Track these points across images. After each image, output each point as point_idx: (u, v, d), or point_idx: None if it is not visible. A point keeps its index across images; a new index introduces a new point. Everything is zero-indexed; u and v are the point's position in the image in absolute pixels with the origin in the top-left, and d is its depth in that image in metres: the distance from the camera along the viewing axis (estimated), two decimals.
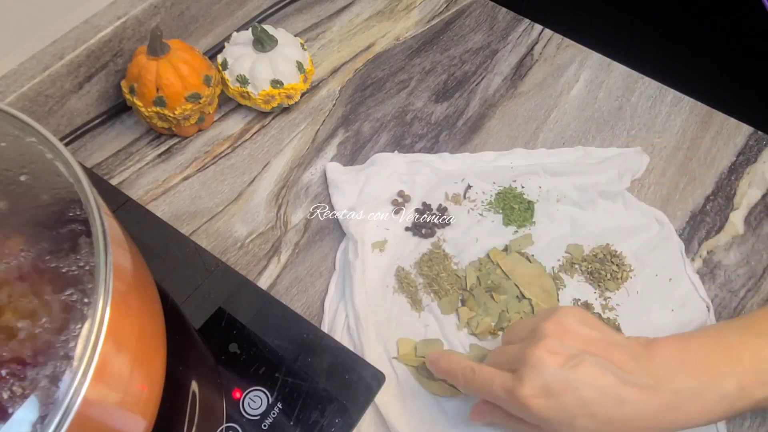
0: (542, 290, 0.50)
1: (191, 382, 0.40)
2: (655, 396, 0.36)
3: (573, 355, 0.37)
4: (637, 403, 0.36)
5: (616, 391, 0.36)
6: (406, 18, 0.71)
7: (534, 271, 0.51)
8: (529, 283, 0.50)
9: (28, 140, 0.32)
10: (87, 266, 0.29)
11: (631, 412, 0.36)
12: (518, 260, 0.51)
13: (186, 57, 0.55)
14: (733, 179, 0.58)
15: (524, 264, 0.51)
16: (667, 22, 0.76)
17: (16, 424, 0.25)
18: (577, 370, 0.36)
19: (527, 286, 0.50)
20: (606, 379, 0.36)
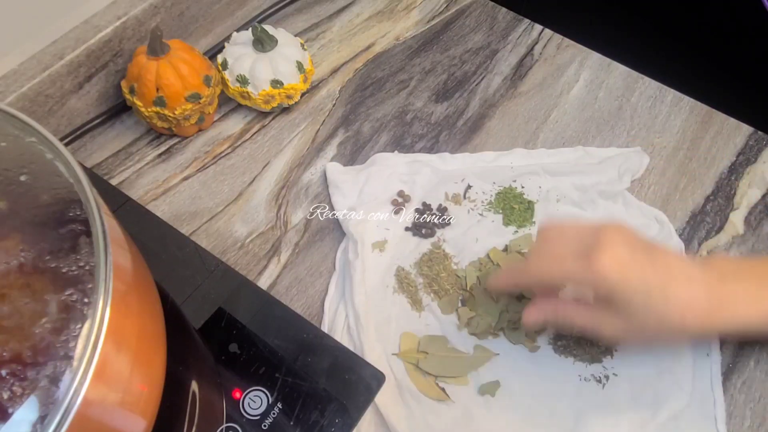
0: None
1: (191, 382, 0.40)
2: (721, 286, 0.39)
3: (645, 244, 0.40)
4: (704, 288, 0.39)
5: (686, 271, 0.39)
6: (406, 18, 0.71)
7: None
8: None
9: (28, 140, 0.32)
10: (87, 266, 0.29)
11: (696, 295, 0.39)
12: (518, 261, 0.52)
13: (186, 57, 0.55)
14: (733, 179, 0.58)
15: None
16: (667, 22, 0.76)
17: (16, 424, 0.25)
18: (651, 250, 0.40)
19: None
20: (678, 262, 0.40)
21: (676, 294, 0.39)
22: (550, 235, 0.43)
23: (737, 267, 0.42)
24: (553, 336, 0.48)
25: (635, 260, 0.39)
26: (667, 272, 0.39)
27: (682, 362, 0.47)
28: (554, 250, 0.42)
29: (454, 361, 0.47)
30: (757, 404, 0.46)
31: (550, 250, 0.42)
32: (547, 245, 0.43)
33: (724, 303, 0.39)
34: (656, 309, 0.39)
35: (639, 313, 0.39)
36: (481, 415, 0.45)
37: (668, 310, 0.39)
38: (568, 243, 0.41)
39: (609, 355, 0.48)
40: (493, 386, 0.46)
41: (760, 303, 0.40)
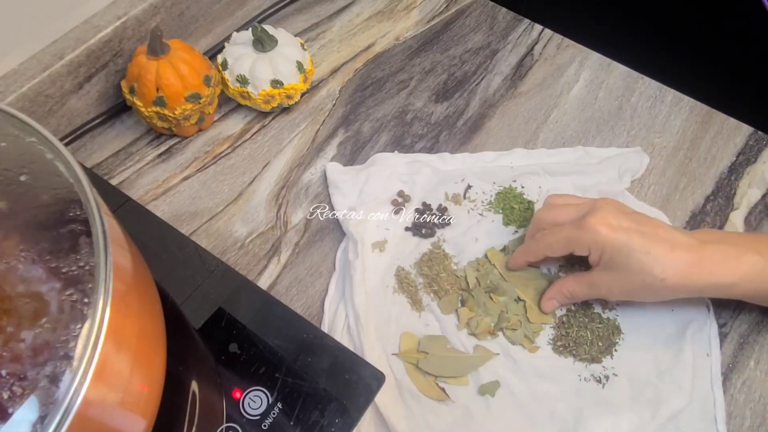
0: (537, 293, 0.50)
1: (191, 382, 0.40)
2: (701, 249, 0.43)
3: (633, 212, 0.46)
4: (686, 251, 0.43)
5: (670, 235, 0.44)
6: (406, 18, 0.71)
7: (530, 274, 0.51)
8: (524, 285, 0.50)
9: (28, 140, 0.32)
10: (87, 266, 0.29)
11: (678, 257, 0.43)
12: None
13: (186, 57, 0.55)
14: (733, 179, 0.58)
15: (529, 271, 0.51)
16: (667, 22, 0.76)
17: (16, 424, 0.25)
18: (639, 217, 0.45)
19: (523, 288, 0.50)
20: (663, 228, 0.44)
21: (659, 255, 0.43)
22: (554, 204, 0.49)
23: (719, 235, 0.46)
24: (553, 336, 0.49)
25: (623, 223, 0.44)
26: (653, 235, 0.44)
27: (682, 362, 0.47)
28: (556, 219, 0.47)
29: (454, 361, 0.47)
30: (757, 404, 0.46)
31: (552, 220, 0.47)
32: (550, 214, 0.48)
33: (703, 263, 0.43)
34: (640, 267, 0.43)
35: (626, 268, 0.44)
36: (481, 415, 0.45)
37: (652, 269, 0.43)
38: (568, 213, 0.47)
39: (609, 355, 0.48)
40: (493, 386, 0.46)
41: (736, 265, 0.43)
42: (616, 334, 0.48)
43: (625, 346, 0.48)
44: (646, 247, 0.43)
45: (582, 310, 0.49)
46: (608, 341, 0.48)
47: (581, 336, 0.48)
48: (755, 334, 0.49)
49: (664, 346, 0.48)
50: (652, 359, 0.47)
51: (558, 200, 0.49)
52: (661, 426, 0.44)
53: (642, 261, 0.43)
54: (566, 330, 0.48)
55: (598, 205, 0.45)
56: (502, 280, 0.50)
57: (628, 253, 0.43)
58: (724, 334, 0.49)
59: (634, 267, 0.43)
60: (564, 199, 0.49)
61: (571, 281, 0.48)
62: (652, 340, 0.48)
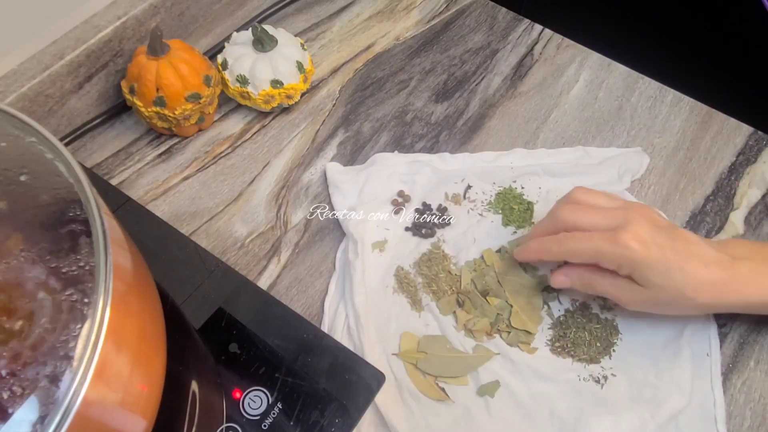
0: (527, 302, 0.49)
1: (191, 382, 0.40)
2: (733, 267, 0.43)
3: (668, 224, 0.45)
4: (718, 268, 0.42)
5: (703, 252, 0.43)
6: (406, 18, 0.71)
7: (526, 283, 0.50)
8: (517, 291, 0.50)
9: (28, 140, 0.32)
10: (87, 266, 0.29)
11: (711, 276, 0.42)
12: (513, 267, 0.51)
13: (186, 57, 0.55)
14: (733, 179, 0.58)
15: (518, 272, 0.51)
16: (667, 22, 0.76)
17: (16, 424, 0.25)
18: (672, 231, 0.44)
19: (515, 294, 0.50)
20: (697, 244, 0.43)
21: (693, 272, 0.42)
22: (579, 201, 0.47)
23: (749, 249, 0.45)
24: (551, 337, 0.49)
25: (657, 239, 0.42)
26: (686, 252, 0.43)
27: (681, 362, 0.47)
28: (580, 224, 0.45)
29: (454, 361, 0.47)
30: (757, 404, 0.46)
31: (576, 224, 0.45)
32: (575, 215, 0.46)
33: (734, 281, 0.43)
34: (673, 284, 0.42)
35: (657, 286, 0.43)
36: (480, 415, 0.45)
37: (684, 286, 0.42)
38: (596, 219, 0.45)
39: (607, 356, 0.48)
40: (493, 386, 0.46)
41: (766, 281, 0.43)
42: (614, 334, 0.48)
43: (623, 346, 0.48)
44: (680, 264, 0.42)
45: (580, 311, 0.49)
46: (606, 342, 0.48)
47: (579, 337, 0.48)
48: (755, 334, 0.49)
49: (662, 346, 0.48)
50: (650, 359, 0.47)
51: (583, 196, 0.47)
52: (661, 426, 0.44)
53: (675, 279, 0.42)
54: (564, 331, 0.48)
55: (631, 217, 0.43)
56: (497, 282, 0.50)
57: (663, 272, 0.42)
58: (724, 334, 0.49)
59: (666, 284, 0.42)
60: (590, 196, 0.47)
61: (596, 276, 0.45)
62: (650, 340, 0.48)
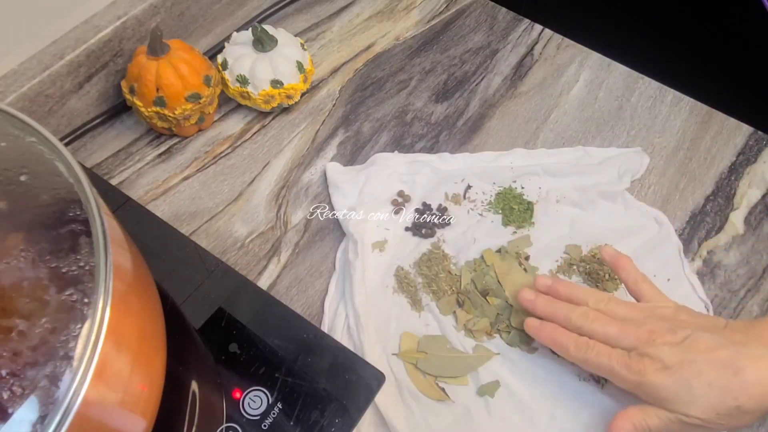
0: None
1: (191, 382, 0.40)
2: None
3: (687, 335, 0.40)
4: (753, 370, 0.38)
5: (730, 360, 0.38)
6: (406, 18, 0.71)
7: (526, 282, 0.50)
8: (517, 292, 0.50)
9: (28, 140, 0.32)
10: (87, 266, 0.29)
11: (748, 380, 0.38)
12: (513, 266, 0.51)
13: (186, 57, 0.55)
14: (733, 179, 0.58)
15: (518, 271, 0.51)
16: (667, 22, 0.76)
17: (16, 424, 0.25)
18: (692, 345, 0.39)
19: (514, 294, 0.49)
20: (720, 352, 0.39)
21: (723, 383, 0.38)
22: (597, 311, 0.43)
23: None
24: None
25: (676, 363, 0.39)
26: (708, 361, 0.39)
27: None
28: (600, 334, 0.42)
29: (454, 361, 0.47)
30: None
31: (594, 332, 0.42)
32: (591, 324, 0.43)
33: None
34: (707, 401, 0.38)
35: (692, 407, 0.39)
36: (480, 416, 0.45)
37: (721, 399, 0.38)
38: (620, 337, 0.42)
39: None
40: (493, 386, 0.46)
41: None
42: None
43: None
44: (706, 380, 0.38)
45: None
46: None
47: None
48: None
49: None
50: None
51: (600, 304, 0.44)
52: None
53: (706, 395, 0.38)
54: None
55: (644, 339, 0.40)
56: (497, 282, 0.50)
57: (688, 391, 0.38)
58: None
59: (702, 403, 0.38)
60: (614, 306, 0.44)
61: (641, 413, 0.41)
62: None
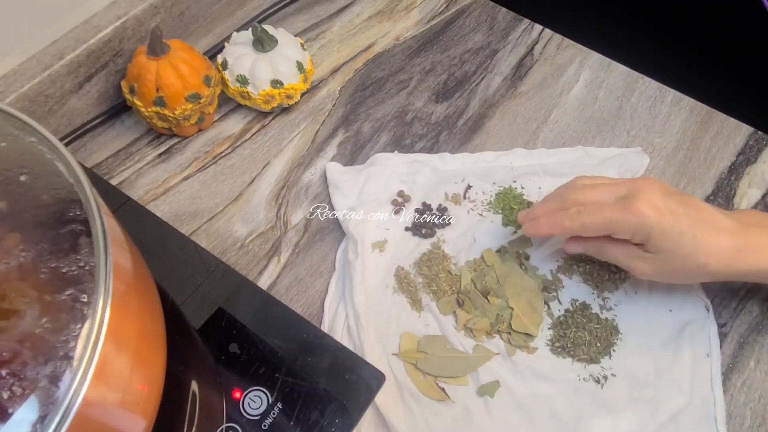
0: (529, 305, 0.49)
1: (191, 382, 0.40)
2: (745, 234, 0.43)
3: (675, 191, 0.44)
4: (730, 235, 0.42)
5: (715, 219, 0.43)
6: (406, 18, 0.71)
7: (527, 285, 0.50)
8: (518, 294, 0.50)
9: (28, 140, 0.32)
10: (87, 266, 0.29)
11: (723, 242, 0.42)
12: (513, 268, 0.51)
13: (186, 57, 0.55)
14: (733, 179, 0.58)
15: (519, 274, 0.51)
16: (667, 22, 0.76)
17: (16, 424, 0.25)
18: (684, 199, 0.44)
19: (515, 297, 0.50)
20: (709, 211, 0.43)
21: (705, 240, 0.42)
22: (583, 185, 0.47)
23: (760, 217, 0.45)
24: (551, 337, 0.48)
25: (669, 205, 0.43)
26: (699, 218, 0.43)
27: (681, 362, 0.47)
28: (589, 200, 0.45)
29: (454, 361, 0.47)
30: (757, 404, 0.46)
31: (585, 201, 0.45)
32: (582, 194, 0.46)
33: (746, 248, 0.42)
34: (685, 250, 0.42)
35: (669, 252, 0.43)
36: (480, 415, 0.45)
37: (696, 254, 0.42)
38: (604, 193, 0.45)
39: (607, 356, 0.48)
40: (493, 386, 0.46)
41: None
42: (614, 334, 0.48)
43: (623, 346, 0.48)
44: (693, 231, 0.42)
45: (580, 311, 0.49)
46: (606, 342, 0.48)
47: (579, 337, 0.48)
48: (755, 334, 0.49)
49: (662, 346, 0.48)
50: (650, 359, 0.47)
51: (586, 181, 0.47)
52: (661, 426, 0.44)
53: (687, 245, 0.42)
54: (564, 331, 0.48)
55: (642, 186, 0.44)
56: (497, 282, 0.50)
57: (676, 238, 0.42)
58: (724, 334, 0.49)
59: (679, 251, 0.42)
60: (593, 179, 0.47)
61: (609, 243, 0.45)
62: (650, 340, 0.48)
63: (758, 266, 0.43)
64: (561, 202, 0.47)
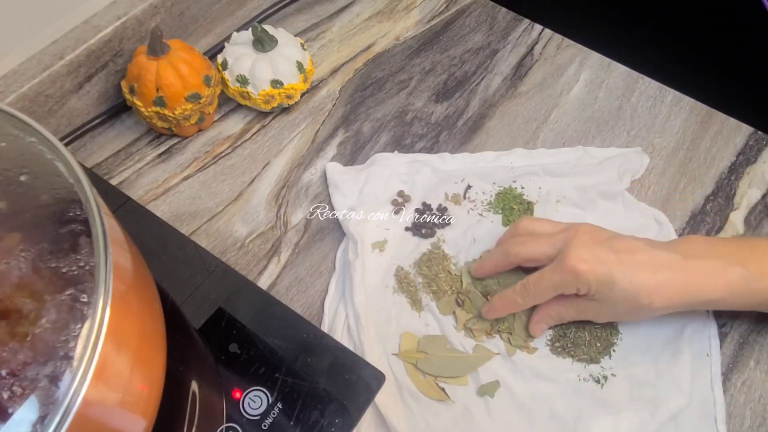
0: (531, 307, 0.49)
1: (191, 382, 0.40)
2: (685, 267, 0.43)
3: (609, 236, 0.45)
4: (669, 271, 0.42)
5: (650, 258, 0.43)
6: (406, 18, 0.71)
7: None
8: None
9: (28, 140, 0.32)
10: (87, 266, 0.29)
11: (662, 279, 0.42)
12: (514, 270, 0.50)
13: (186, 57, 0.55)
14: (733, 179, 0.58)
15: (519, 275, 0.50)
16: (667, 22, 0.76)
17: (16, 424, 0.25)
18: (614, 243, 0.44)
19: None
20: (643, 251, 0.43)
21: (641, 280, 0.42)
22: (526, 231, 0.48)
23: (702, 246, 0.45)
24: (551, 337, 0.48)
25: (599, 255, 0.43)
26: (631, 262, 0.43)
27: (681, 362, 0.47)
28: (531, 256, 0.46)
29: (454, 361, 0.47)
30: (757, 404, 0.46)
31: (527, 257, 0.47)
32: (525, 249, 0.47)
33: (688, 282, 0.43)
34: (624, 296, 0.43)
35: (614, 299, 0.43)
36: (480, 416, 0.45)
37: (637, 295, 0.42)
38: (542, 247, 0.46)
39: (607, 356, 0.48)
40: (493, 386, 0.46)
41: (721, 280, 0.42)
42: (614, 334, 0.48)
43: (623, 346, 0.48)
44: (627, 276, 0.42)
45: None
46: (606, 342, 0.48)
47: (579, 337, 0.48)
48: (755, 334, 0.49)
49: (662, 346, 0.48)
50: (650, 359, 0.47)
51: (530, 226, 0.48)
52: (661, 426, 0.44)
53: (626, 290, 0.42)
54: (564, 331, 0.48)
55: (571, 239, 0.44)
56: (498, 284, 0.50)
57: (611, 286, 0.42)
58: (724, 334, 0.49)
59: (620, 297, 0.43)
60: (536, 225, 0.48)
61: (557, 305, 0.46)
62: (650, 340, 0.48)
63: (702, 297, 0.43)
64: (505, 256, 0.48)
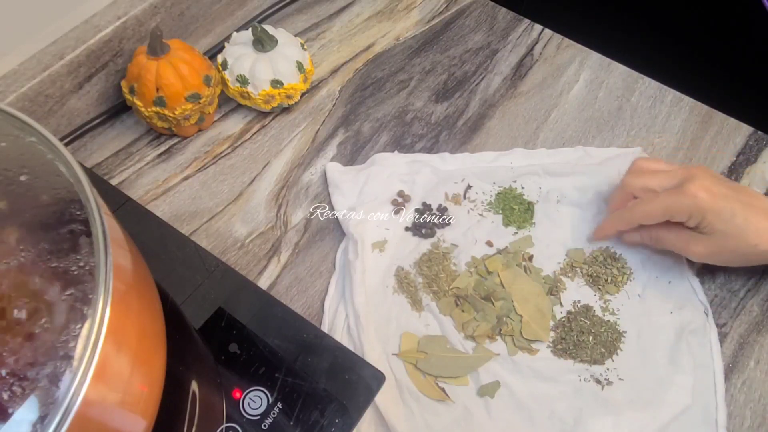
0: (537, 309, 0.49)
1: (191, 382, 0.40)
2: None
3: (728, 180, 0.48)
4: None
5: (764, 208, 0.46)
6: (406, 18, 0.71)
7: (533, 289, 0.50)
8: (525, 299, 0.50)
9: (28, 140, 0.32)
10: (87, 266, 0.29)
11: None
12: (518, 273, 0.51)
13: (186, 57, 0.55)
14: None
15: (524, 278, 0.51)
16: (667, 22, 0.76)
17: (16, 424, 0.25)
18: (735, 185, 0.47)
19: (522, 302, 0.49)
20: (762, 199, 0.46)
21: (756, 222, 0.45)
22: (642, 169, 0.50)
23: None
24: (553, 339, 0.48)
25: (722, 189, 0.45)
26: (749, 204, 0.46)
27: (682, 364, 0.47)
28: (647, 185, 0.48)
29: (454, 361, 0.47)
30: (757, 404, 0.46)
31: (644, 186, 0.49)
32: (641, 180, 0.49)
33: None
34: (737, 232, 0.45)
35: (722, 233, 0.45)
36: (480, 416, 0.45)
37: (746, 234, 0.45)
38: (660, 180, 0.48)
39: (609, 358, 0.48)
40: (493, 387, 0.46)
41: None
42: (616, 336, 0.48)
43: (625, 348, 0.48)
44: (744, 213, 0.45)
45: (583, 313, 0.49)
46: (609, 344, 0.48)
47: (582, 340, 0.48)
48: (755, 334, 0.49)
49: (663, 347, 0.48)
50: (651, 361, 0.47)
51: (645, 165, 0.50)
52: (662, 427, 0.44)
53: (740, 227, 0.45)
54: (566, 333, 0.48)
55: (695, 172, 0.46)
56: (500, 287, 0.50)
57: (729, 219, 0.45)
58: (724, 334, 0.49)
59: (732, 232, 0.45)
60: (652, 164, 0.50)
61: (665, 231, 0.48)
62: (651, 341, 0.48)
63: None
64: (623, 191, 0.50)
